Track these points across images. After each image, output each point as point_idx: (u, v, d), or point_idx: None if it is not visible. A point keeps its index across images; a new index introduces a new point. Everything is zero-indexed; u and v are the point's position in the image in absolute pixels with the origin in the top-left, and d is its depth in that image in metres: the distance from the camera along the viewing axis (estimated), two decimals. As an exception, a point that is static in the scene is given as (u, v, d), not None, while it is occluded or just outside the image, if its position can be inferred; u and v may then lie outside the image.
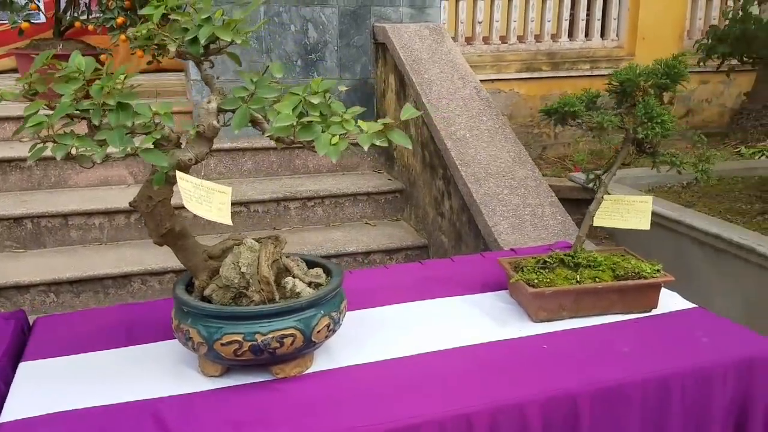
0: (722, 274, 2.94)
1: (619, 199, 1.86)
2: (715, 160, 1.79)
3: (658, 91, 1.77)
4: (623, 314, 1.79)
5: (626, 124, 1.76)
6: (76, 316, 1.90)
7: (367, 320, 1.77)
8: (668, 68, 1.72)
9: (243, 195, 3.61)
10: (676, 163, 1.74)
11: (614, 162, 1.85)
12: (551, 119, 1.81)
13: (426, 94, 3.50)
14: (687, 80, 1.77)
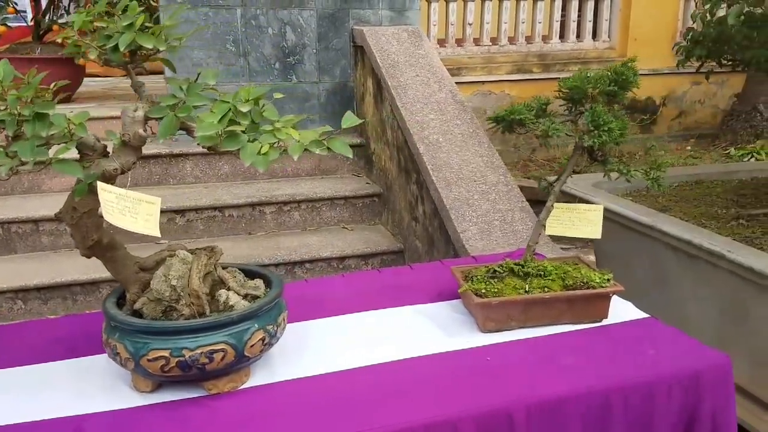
0: (696, 280, 2.90)
1: (570, 207, 1.83)
2: (667, 167, 1.76)
3: (607, 98, 1.74)
4: (573, 324, 1.76)
5: (576, 132, 1.73)
6: (14, 328, 1.88)
7: (312, 332, 1.74)
8: (617, 75, 1.69)
9: (217, 200, 3.59)
10: (623, 171, 1.70)
11: (564, 170, 1.82)
12: (499, 127, 1.78)
13: (400, 97, 3.47)
14: (636, 87, 1.74)
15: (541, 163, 6.56)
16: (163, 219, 3.50)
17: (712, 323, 2.86)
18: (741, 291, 2.65)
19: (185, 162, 3.84)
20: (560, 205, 1.84)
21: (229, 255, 3.33)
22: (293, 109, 4.16)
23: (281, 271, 3.36)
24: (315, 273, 3.42)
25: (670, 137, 7.66)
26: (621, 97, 1.73)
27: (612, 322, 1.77)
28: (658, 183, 1.73)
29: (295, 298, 1.91)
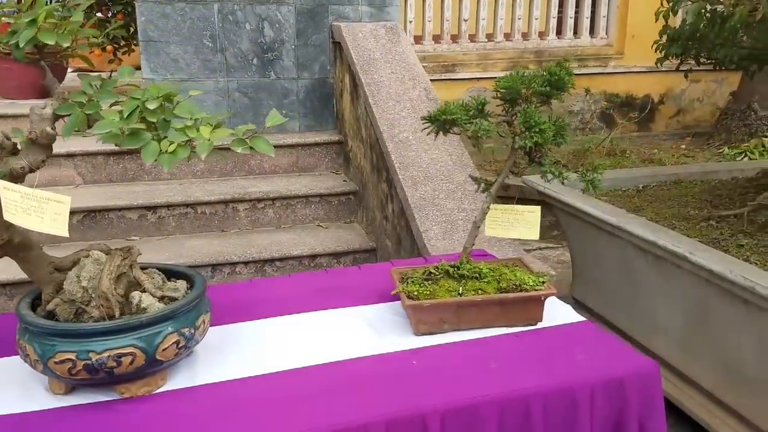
0: (663, 281, 2.86)
1: (507, 208, 1.81)
2: (603, 169, 1.73)
3: (542, 98, 1.70)
4: (508, 327, 1.74)
5: (509, 133, 1.70)
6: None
7: (244, 334, 1.73)
8: (551, 75, 1.65)
9: (189, 196, 3.58)
10: (554, 173, 1.67)
11: (502, 171, 1.79)
12: (432, 127, 1.75)
13: (374, 95, 3.45)
14: (571, 87, 1.71)
15: (532, 161, 6.50)
16: (134, 215, 3.51)
17: (678, 325, 2.82)
18: (704, 293, 2.61)
19: (161, 158, 3.82)
20: (498, 207, 1.81)
21: (199, 252, 3.33)
22: (272, 105, 4.15)
23: (251, 270, 3.35)
24: (285, 271, 3.40)
25: (667, 135, 7.59)
26: (556, 97, 1.70)
27: (547, 325, 1.75)
28: (594, 185, 1.69)
29: (233, 300, 1.91)
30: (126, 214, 3.49)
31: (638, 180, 3.70)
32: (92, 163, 3.76)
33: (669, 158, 5.98)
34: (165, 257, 3.26)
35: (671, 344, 2.90)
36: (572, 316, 1.81)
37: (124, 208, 3.48)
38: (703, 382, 2.73)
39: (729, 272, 2.37)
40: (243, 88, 4.08)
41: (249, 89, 4.08)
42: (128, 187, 3.72)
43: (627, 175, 3.76)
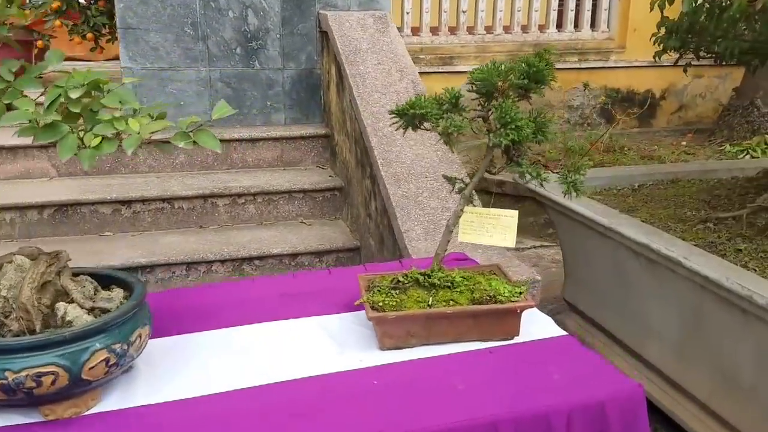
0: (657, 286, 2.72)
1: (483, 212, 1.66)
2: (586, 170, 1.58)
3: (520, 92, 1.56)
4: (482, 342, 1.59)
5: (481, 129, 1.55)
6: None
7: (193, 347, 1.58)
8: (529, 67, 1.51)
9: (166, 190, 3.44)
10: (533, 174, 1.53)
11: (476, 171, 1.64)
12: (401, 122, 1.60)
13: (358, 86, 3.30)
14: (552, 80, 1.56)
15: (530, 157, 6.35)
16: (108, 210, 3.37)
17: (673, 332, 2.68)
18: (700, 300, 2.47)
19: (138, 150, 3.67)
20: (473, 210, 1.66)
21: (174, 250, 3.20)
22: (256, 96, 4.00)
23: (228, 268, 3.21)
24: (265, 270, 3.26)
25: (668, 131, 7.42)
26: (536, 92, 1.55)
27: (524, 339, 1.60)
28: (576, 188, 1.55)
29: (187, 306, 1.77)
30: (99, 208, 3.35)
31: (634, 179, 3.55)
32: (67, 155, 3.61)
33: (669, 155, 5.82)
34: (138, 254, 3.13)
35: (665, 351, 2.76)
36: (552, 329, 1.66)
37: (97, 203, 3.34)
38: (698, 392, 2.59)
39: (725, 280, 2.22)
40: (226, 78, 3.93)
41: (232, 79, 3.93)
42: (104, 180, 3.58)
43: (622, 174, 3.61)
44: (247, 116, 3.99)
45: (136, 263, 3.08)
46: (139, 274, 3.11)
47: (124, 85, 1.37)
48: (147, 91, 3.83)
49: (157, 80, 3.83)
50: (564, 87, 7.61)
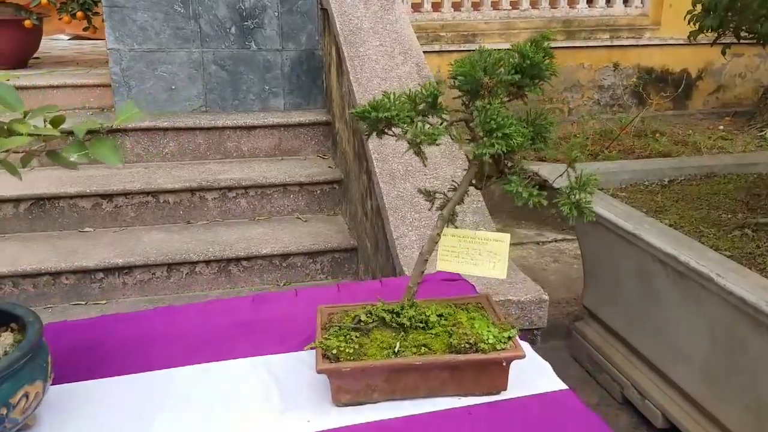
0: (687, 301, 2.39)
1: (467, 235, 1.36)
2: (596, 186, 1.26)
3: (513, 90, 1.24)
4: (463, 396, 1.30)
5: (458, 138, 1.24)
6: None
7: (94, 401, 1.30)
8: (522, 59, 1.19)
9: (150, 183, 3.18)
10: (526, 195, 1.20)
11: (459, 186, 1.34)
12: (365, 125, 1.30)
13: (356, 71, 2.99)
14: (553, 76, 1.24)
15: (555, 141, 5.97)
16: (88, 204, 3.13)
17: (703, 354, 2.36)
18: (734, 321, 2.14)
19: (124, 138, 3.44)
20: (454, 232, 1.36)
21: (155, 249, 2.94)
22: (253, 80, 3.71)
23: (213, 270, 2.96)
24: (253, 272, 3.00)
25: (704, 114, 6.96)
26: (532, 89, 1.23)
27: (514, 395, 1.30)
28: (581, 210, 1.23)
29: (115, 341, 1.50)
30: (78, 202, 3.12)
31: (664, 172, 3.19)
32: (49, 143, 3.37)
33: (704, 141, 5.40)
34: (115, 254, 2.89)
35: (694, 375, 2.43)
36: (549, 381, 1.36)
37: (76, 196, 3.10)
38: (730, 424, 2.27)
39: (765, 304, 1.89)
40: (220, 60, 3.64)
41: (227, 61, 3.65)
42: (87, 171, 3.34)
43: (651, 167, 3.25)
44: (244, 101, 3.71)
45: (112, 264, 2.84)
46: (116, 276, 2.87)
47: (3, 84, 1.09)
48: (136, 75, 3.57)
49: (145, 63, 3.56)
50: (594, 66, 7.19)
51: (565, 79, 7.15)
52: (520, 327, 1.99)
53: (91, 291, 2.86)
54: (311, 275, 3.05)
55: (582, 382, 3.04)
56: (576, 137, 5.81)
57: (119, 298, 2.89)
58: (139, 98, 3.59)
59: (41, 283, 2.80)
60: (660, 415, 2.59)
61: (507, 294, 1.97)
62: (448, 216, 1.33)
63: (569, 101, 7.28)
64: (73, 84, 3.72)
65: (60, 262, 2.82)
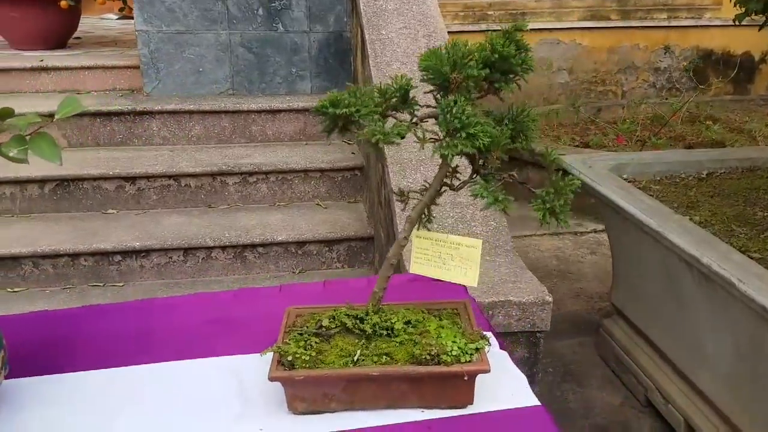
0: (712, 305, 2.24)
1: (440, 239, 1.27)
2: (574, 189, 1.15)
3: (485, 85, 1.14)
4: (426, 408, 1.23)
5: (420, 138, 1.15)
6: None
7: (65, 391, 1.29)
8: (492, 53, 1.09)
9: (172, 167, 3.19)
10: (490, 200, 1.11)
11: (430, 187, 1.25)
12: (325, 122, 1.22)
13: (377, 54, 2.90)
14: (527, 72, 1.13)
15: (602, 126, 5.75)
16: (111, 186, 3.15)
17: (727, 362, 2.21)
18: (759, 330, 1.99)
19: (151, 121, 3.45)
20: (426, 235, 1.28)
21: (173, 233, 2.95)
22: (280, 63, 3.67)
23: (229, 255, 2.94)
24: (269, 258, 2.98)
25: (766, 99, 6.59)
26: (503, 87, 1.13)
27: (481, 410, 1.22)
28: (558, 216, 1.13)
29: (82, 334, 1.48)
30: (102, 184, 3.14)
31: (703, 165, 3.01)
32: (77, 125, 3.43)
33: (762, 129, 5.09)
34: (133, 237, 2.90)
35: (718, 382, 2.29)
36: (522, 396, 1.26)
37: (99, 178, 3.13)
38: (757, 441, 2.13)
39: (788, 316, 1.75)
40: (247, 43, 3.61)
41: (254, 44, 3.61)
42: (113, 153, 3.37)
43: (689, 158, 3.06)
44: (270, 84, 3.67)
45: (129, 247, 2.86)
46: (134, 259, 2.89)
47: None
48: (164, 57, 3.57)
49: (173, 45, 3.55)
50: (650, 47, 6.90)
51: (619, 60, 6.87)
52: (521, 329, 1.90)
53: (109, 273, 2.89)
54: (327, 263, 3.01)
55: (607, 381, 2.92)
56: (624, 123, 5.57)
57: (136, 281, 2.91)
58: (167, 81, 3.60)
59: (60, 264, 2.84)
60: (683, 422, 2.46)
61: (508, 294, 1.88)
62: (416, 218, 1.25)
63: (623, 83, 7.01)
64: (104, 65, 3.75)
65: (79, 243, 2.85)
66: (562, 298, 3.66)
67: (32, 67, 3.74)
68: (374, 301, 1.28)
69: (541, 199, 1.15)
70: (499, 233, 2.20)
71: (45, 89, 3.78)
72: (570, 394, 2.84)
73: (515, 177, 1.22)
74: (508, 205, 1.10)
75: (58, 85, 3.77)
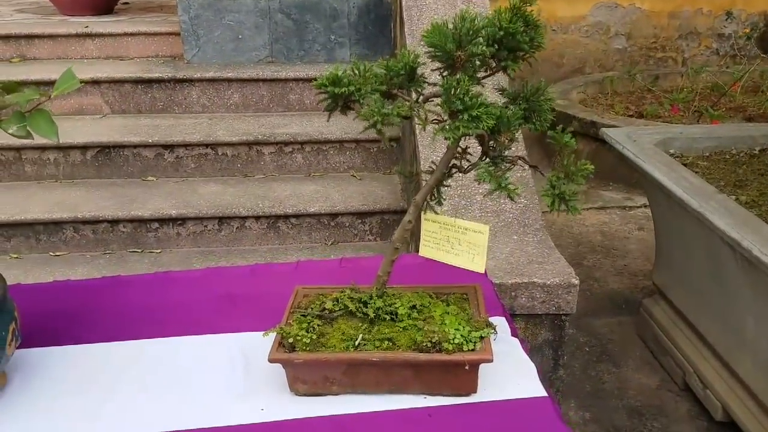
0: (756, 290, 2.14)
1: (447, 222, 1.23)
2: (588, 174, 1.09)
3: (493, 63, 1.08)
4: (429, 395, 1.20)
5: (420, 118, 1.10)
6: None
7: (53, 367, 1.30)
8: (500, 30, 1.02)
9: (209, 135, 3.20)
10: (494, 185, 1.05)
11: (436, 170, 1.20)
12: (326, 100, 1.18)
13: (412, 21, 2.82)
14: (538, 49, 1.06)
15: (659, 95, 5.52)
16: (151, 154, 3.19)
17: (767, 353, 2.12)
18: (803, 321, 1.89)
19: (191, 89, 3.47)
20: (435, 218, 1.24)
21: (209, 202, 2.98)
22: (319, 29, 3.62)
23: (263, 225, 2.95)
24: (302, 229, 2.98)
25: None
26: (510, 66, 1.06)
27: (485, 399, 1.19)
28: (568, 203, 1.07)
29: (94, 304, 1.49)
30: (141, 152, 3.19)
31: (756, 140, 2.85)
32: (119, 91, 3.47)
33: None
34: (169, 205, 2.94)
35: (757, 370, 2.20)
36: (530, 386, 1.22)
37: (140, 146, 3.17)
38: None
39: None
40: (286, 9, 3.57)
41: (292, 10, 3.57)
42: (154, 120, 3.40)
43: (741, 133, 2.90)
44: (309, 52, 3.63)
45: (166, 215, 2.89)
46: (170, 226, 2.93)
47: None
48: (204, 23, 3.57)
49: (213, 11, 3.54)
50: (714, 12, 6.55)
51: (681, 26, 6.55)
52: (545, 312, 1.84)
53: (147, 240, 2.94)
54: (359, 236, 2.99)
55: (645, 363, 2.85)
56: (680, 92, 5.33)
57: (173, 248, 2.95)
58: (207, 48, 3.60)
59: (100, 230, 2.90)
60: (720, 408, 2.38)
61: (533, 276, 1.82)
62: (422, 201, 1.20)
63: (684, 50, 6.70)
64: (146, 32, 3.78)
65: (118, 210, 2.90)
66: (604, 276, 3.57)
67: (77, 33, 3.79)
68: (378, 284, 1.25)
69: (551, 184, 1.09)
70: (529, 211, 2.13)
71: (90, 56, 3.84)
72: (605, 374, 2.78)
73: (526, 160, 1.16)
74: (512, 192, 1.04)
75: (102, 52, 3.81)
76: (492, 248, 1.94)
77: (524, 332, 1.91)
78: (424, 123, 1.07)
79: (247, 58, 3.63)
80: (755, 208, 2.27)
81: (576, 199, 1.08)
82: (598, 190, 4.61)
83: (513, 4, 1.03)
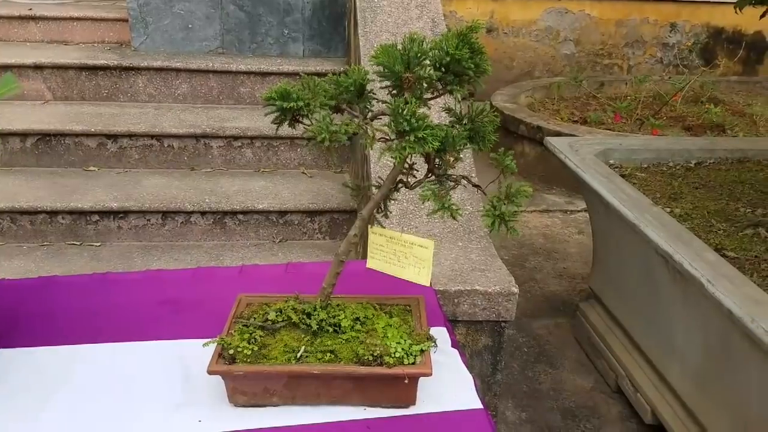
0: (685, 300, 2.23)
1: (393, 236, 1.25)
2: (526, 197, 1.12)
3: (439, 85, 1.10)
4: (368, 406, 1.22)
5: (367, 137, 1.11)
6: None
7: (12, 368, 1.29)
8: (447, 54, 1.04)
9: (155, 126, 3.13)
10: (437, 205, 1.07)
11: (382, 186, 1.22)
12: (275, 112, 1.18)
13: (366, 23, 2.83)
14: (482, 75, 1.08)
15: (603, 102, 5.66)
16: (93, 143, 3.12)
17: (696, 358, 2.21)
18: (727, 330, 1.98)
19: (137, 77, 3.39)
20: (381, 232, 1.25)
21: (152, 196, 2.92)
22: (272, 23, 3.59)
23: (209, 221, 2.92)
24: (249, 226, 2.95)
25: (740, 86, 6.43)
26: (455, 90, 1.08)
27: (422, 410, 1.21)
28: (507, 223, 1.10)
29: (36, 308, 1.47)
30: (84, 141, 3.10)
31: (692, 153, 2.96)
32: (63, 78, 3.37)
33: (763, 113, 5.01)
34: (111, 198, 2.87)
35: (686, 377, 2.29)
36: (466, 397, 1.25)
37: (81, 134, 3.09)
38: (716, 433, 2.14)
39: (750, 321, 1.73)
40: (239, 0, 3.52)
41: (246, 2, 3.52)
42: (97, 108, 3.32)
43: (677, 146, 3.01)
44: (262, 45, 3.60)
45: (107, 207, 2.83)
46: (111, 219, 2.87)
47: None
48: (153, 11, 3.50)
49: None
50: (660, 21, 6.75)
51: (628, 34, 6.73)
52: (486, 318, 1.89)
53: (86, 232, 2.87)
54: (308, 234, 2.98)
55: (580, 364, 2.93)
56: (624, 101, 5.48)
57: (114, 242, 2.89)
58: (156, 36, 3.53)
59: (38, 221, 2.82)
60: (650, 411, 2.48)
61: (475, 283, 1.86)
62: (368, 216, 1.22)
63: (629, 57, 6.88)
64: (93, 17, 3.67)
65: (57, 201, 2.82)
66: (544, 278, 3.65)
67: (20, 16, 3.66)
68: (323, 296, 1.26)
69: (492, 205, 1.12)
70: (474, 218, 2.17)
71: (33, 39, 3.71)
72: (542, 374, 2.85)
73: (470, 180, 1.19)
74: (455, 212, 1.07)
75: (46, 35, 3.69)
76: (438, 255, 1.97)
77: (465, 338, 1.94)
78: (371, 141, 1.08)
79: (197, 48, 3.57)
80: (688, 221, 2.36)
81: (515, 220, 1.11)
82: (542, 194, 4.71)
83: (459, 30, 1.05)
